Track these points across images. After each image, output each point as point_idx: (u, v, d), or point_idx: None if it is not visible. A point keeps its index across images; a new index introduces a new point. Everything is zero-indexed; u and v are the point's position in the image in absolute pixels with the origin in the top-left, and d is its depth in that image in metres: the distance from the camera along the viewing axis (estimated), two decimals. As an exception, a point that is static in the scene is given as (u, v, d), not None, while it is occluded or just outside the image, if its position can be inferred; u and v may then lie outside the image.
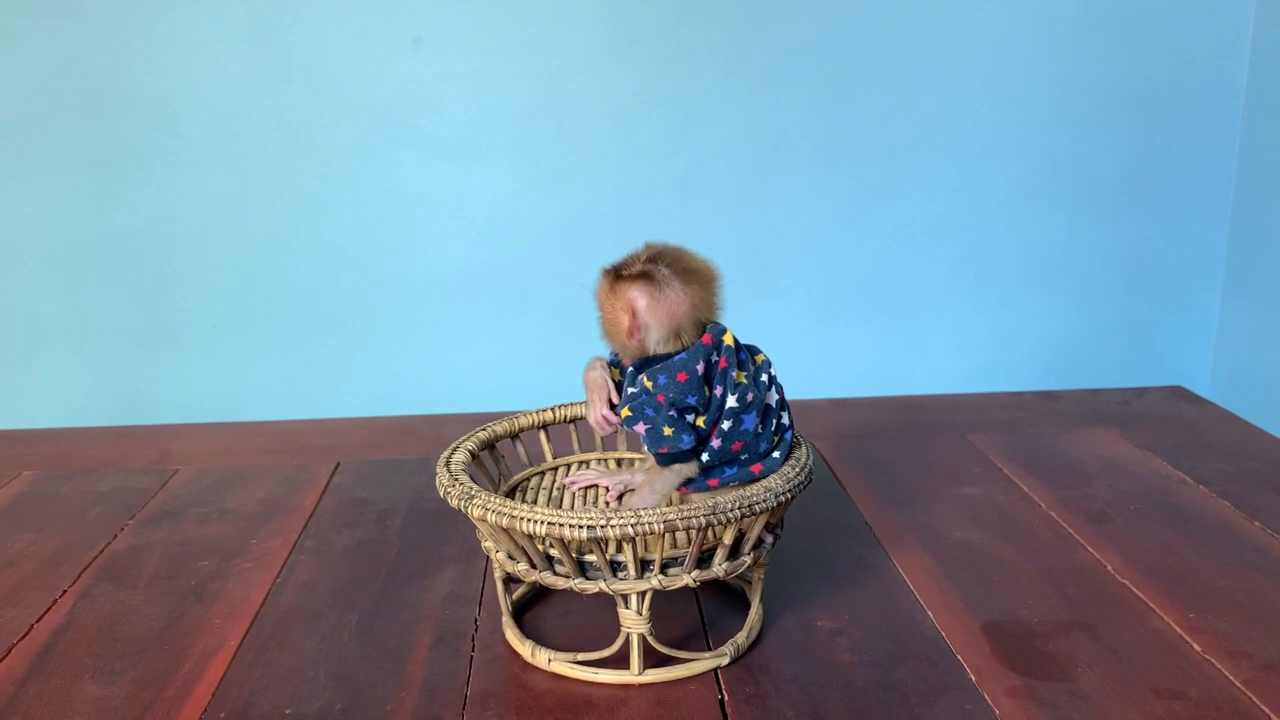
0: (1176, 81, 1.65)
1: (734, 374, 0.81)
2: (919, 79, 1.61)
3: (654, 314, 0.80)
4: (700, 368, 0.80)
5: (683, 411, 0.80)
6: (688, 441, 0.80)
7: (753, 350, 0.85)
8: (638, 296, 0.80)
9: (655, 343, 0.81)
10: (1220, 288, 1.74)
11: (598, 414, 0.86)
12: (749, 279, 1.66)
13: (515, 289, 1.65)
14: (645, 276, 0.80)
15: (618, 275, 0.81)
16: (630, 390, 0.82)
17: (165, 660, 0.84)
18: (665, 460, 0.81)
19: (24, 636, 0.88)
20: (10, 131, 1.53)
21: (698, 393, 0.80)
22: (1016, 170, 1.67)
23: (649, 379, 0.80)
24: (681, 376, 0.79)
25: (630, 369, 0.83)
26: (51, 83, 1.52)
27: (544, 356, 1.66)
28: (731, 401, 0.80)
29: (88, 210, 1.57)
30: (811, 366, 1.71)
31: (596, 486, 0.94)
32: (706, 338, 0.81)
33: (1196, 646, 0.84)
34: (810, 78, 1.60)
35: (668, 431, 0.79)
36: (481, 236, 1.63)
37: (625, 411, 0.81)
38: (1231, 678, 0.79)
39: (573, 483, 0.94)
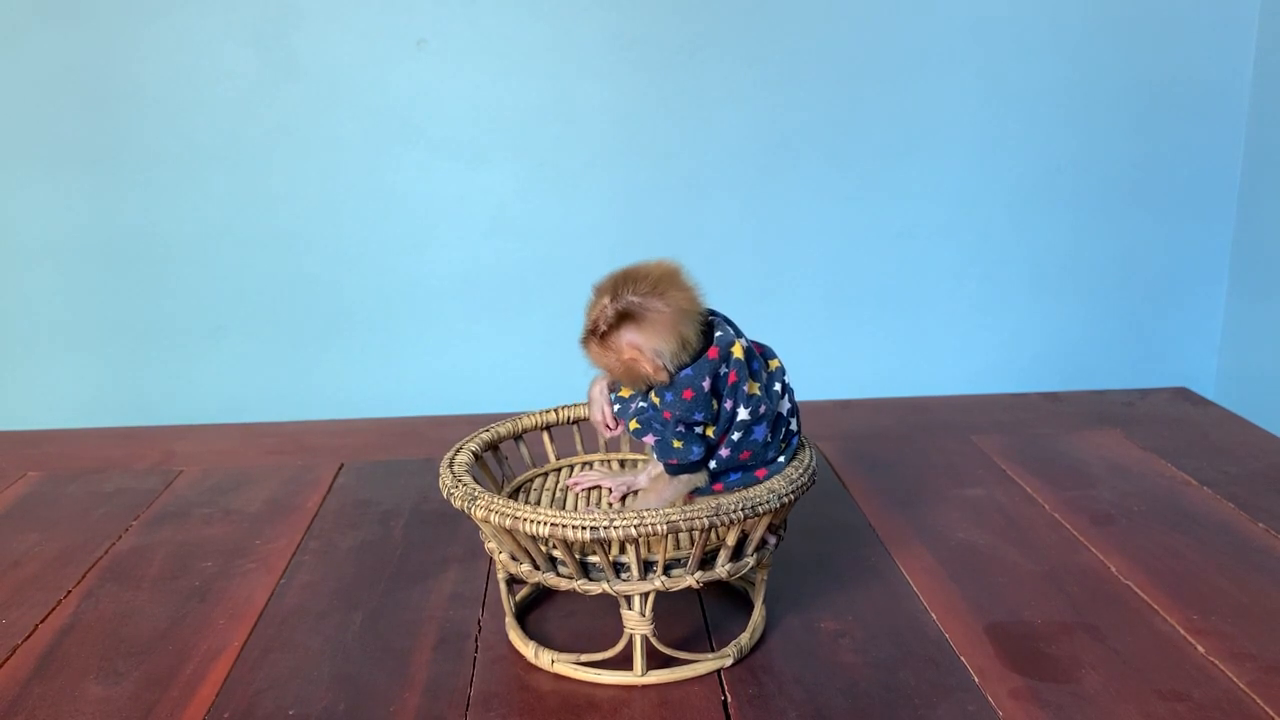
0: (1181, 83, 1.65)
1: (745, 386, 0.79)
2: (925, 80, 1.61)
3: (658, 338, 0.77)
4: (706, 384, 0.78)
5: (690, 426, 0.79)
6: (697, 453, 0.79)
7: (767, 355, 0.83)
8: (633, 337, 0.77)
9: (675, 361, 0.78)
10: (1225, 288, 1.74)
11: (598, 416, 0.86)
12: (754, 280, 1.66)
13: (519, 290, 1.65)
14: (624, 316, 0.77)
15: (597, 335, 0.78)
16: (640, 404, 0.82)
17: (169, 661, 0.84)
18: (675, 470, 0.81)
19: (28, 637, 0.88)
20: (15, 133, 1.54)
21: (705, 409, 0.78)
22: (1022, 171, 1.67)
23: (656, 395, 0.80)
24: (688, 394, 0.78)
25: None
26: (56, 84, 1.52)
27: (548, 358, 1.66)
28: (743, 414, 0.79)
29: (93, 211, 1.58)
30: (816, 367, 1.71)
31: (599, 488, 0.94)
32: (713, 351, 0.78)
33: (1200, 648, 0.84)
34: (817, 78, 1.60)
35: (677, 445, 0.79)
36: (486, 238, 1.63)
37: (634, 424, 0.81)
38: (1235, 679, 0.79)
39: (575, 484, 0.94)
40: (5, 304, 1.61)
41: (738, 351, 0.79)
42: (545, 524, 0.73)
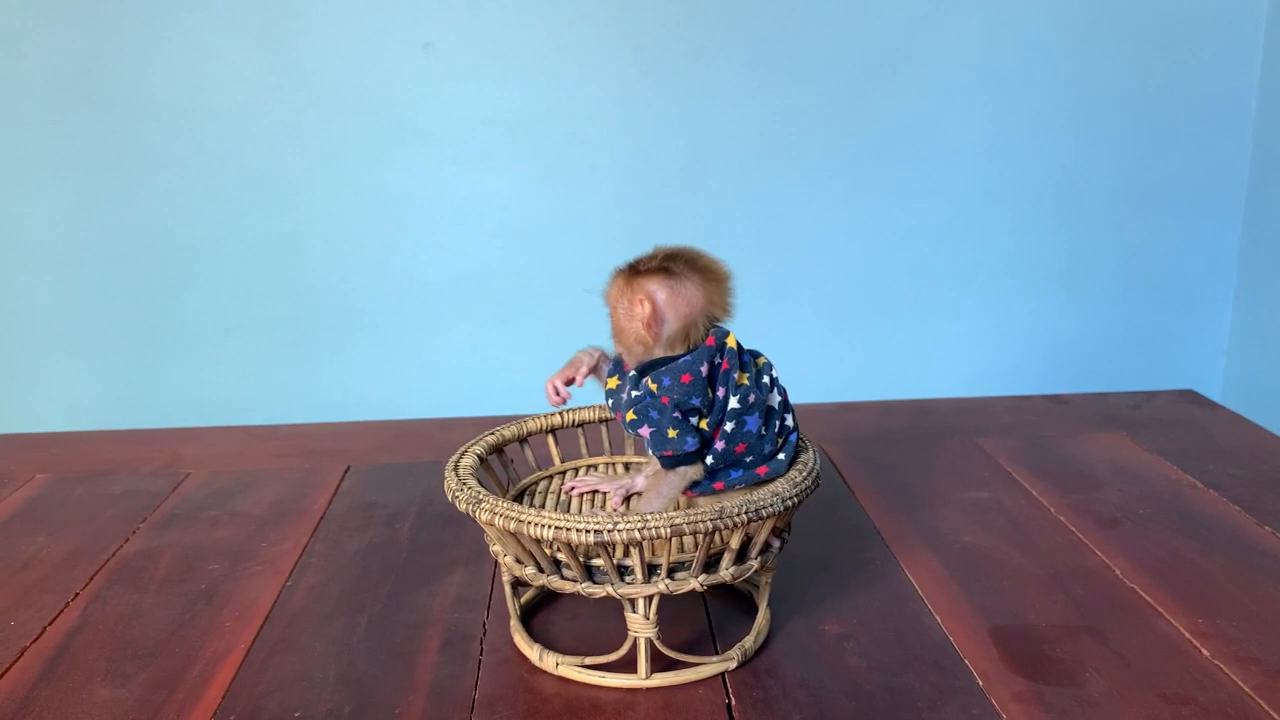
0: (1188, 85, 1.64)
1: (735, 375, 0.81)
2: (929, 82, 1.61)
3: (672, 307, 0.81)
4: (704, 369, 0.80)
5: (687, 413, 0.80)
6: (692, 444, 0.80)
7: (754, 354, 0.85)
8: (656, 290, 0.81)
9: (669, 339, 0.81)
10: (1232, 291, 1.74)
11: (553, 381, 0.88)
12: (758, 282, 1.66)
13: (524, 292, 1.65)
14: (664, 271, 0.81)
15: (635, 271, 0.82)
16: (634, 394, 0.82)
17: (176, 663, 0.84)
18: (670, 463, 0.81)
19: (36, 639, 0.89)
20: (23, 135, 1.55)
21: (702, 394, 0.80)
22: (1028, 174, 1.67)
23: (653, 381, 0.80)
24: (686, 378, 0.80)
25: (633, 373, 0.84)
26: (63, 87, 1.53)
27: (552, 360, 1.65)
28: (734, 403, 0.80)
29: (100, 214, 1.59)
30: (820, 370, 1.71)
31: (598, 492, 0.94)
32: (710, 340, 0.81)
33: (1205, 652, 0.84)
34: (820, 81, 1.60)
35: (672, 434, 0.80)
36: (491, 240, 1.63)
37: (630, 414, 0.82)
38: (1240, 683, 0.79)
39: (573, 489, 0.94)
40: (13, 307, 1.62)
41: (731, 342, 0.82)
42: (549, 527, 0.73)
